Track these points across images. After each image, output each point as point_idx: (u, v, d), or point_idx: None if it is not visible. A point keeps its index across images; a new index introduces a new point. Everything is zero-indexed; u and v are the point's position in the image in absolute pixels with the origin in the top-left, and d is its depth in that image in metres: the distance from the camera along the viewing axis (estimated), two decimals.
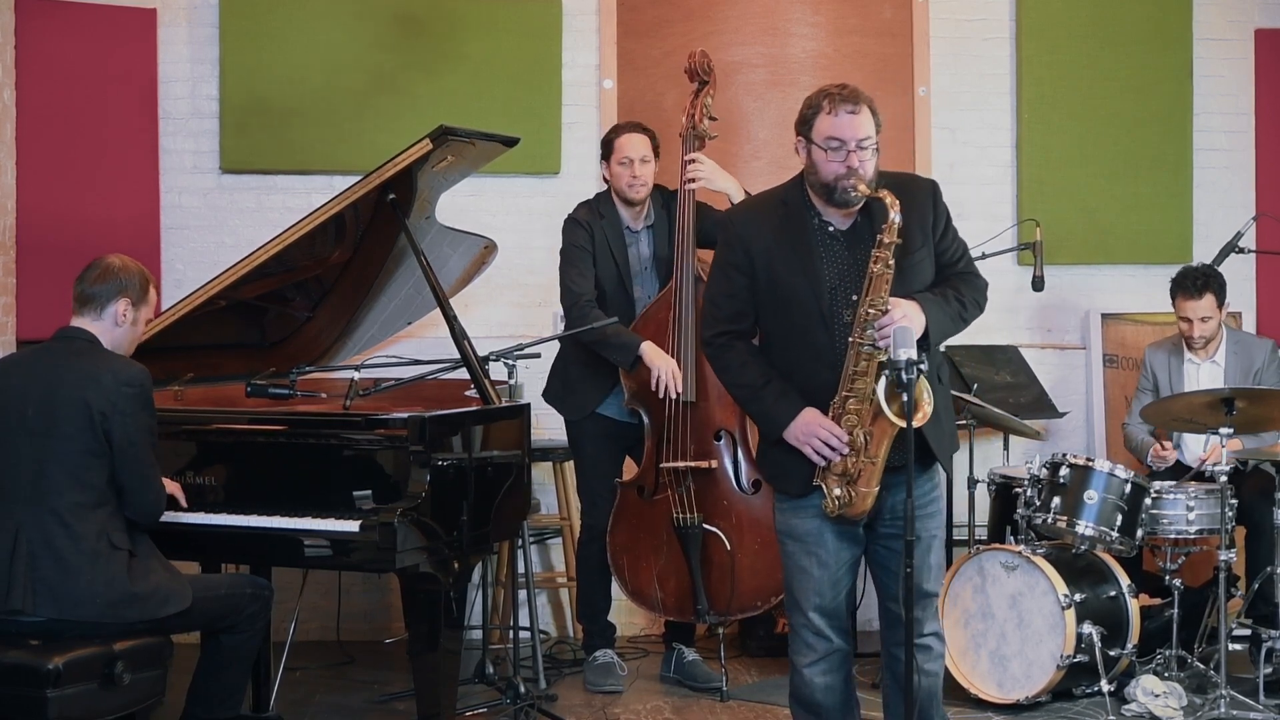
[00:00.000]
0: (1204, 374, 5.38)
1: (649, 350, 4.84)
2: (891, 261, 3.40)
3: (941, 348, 3.70)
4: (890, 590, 3.58)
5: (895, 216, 3.38)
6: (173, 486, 4.02)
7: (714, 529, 4.90)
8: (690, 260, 4.92)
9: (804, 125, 3.50)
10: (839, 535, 3.56)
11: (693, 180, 4.96)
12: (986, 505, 5.30)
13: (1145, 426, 5.32)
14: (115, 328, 3.88)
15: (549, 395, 5.15)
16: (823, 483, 3.49)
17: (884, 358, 3.37)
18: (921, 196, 3.57)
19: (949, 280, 3.58)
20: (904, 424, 3.32)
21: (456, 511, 3.99)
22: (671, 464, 4.91)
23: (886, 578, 3.61)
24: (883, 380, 3.37)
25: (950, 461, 3.64)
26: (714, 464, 4.92)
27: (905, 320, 3.36)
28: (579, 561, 5.22)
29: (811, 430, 3.46)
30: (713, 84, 5.08)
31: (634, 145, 5.00)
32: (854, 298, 3.44)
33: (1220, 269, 5.34)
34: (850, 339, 3.42)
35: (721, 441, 4.93)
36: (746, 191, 4.99)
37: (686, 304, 4.90)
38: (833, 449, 3.44)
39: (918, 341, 3.36)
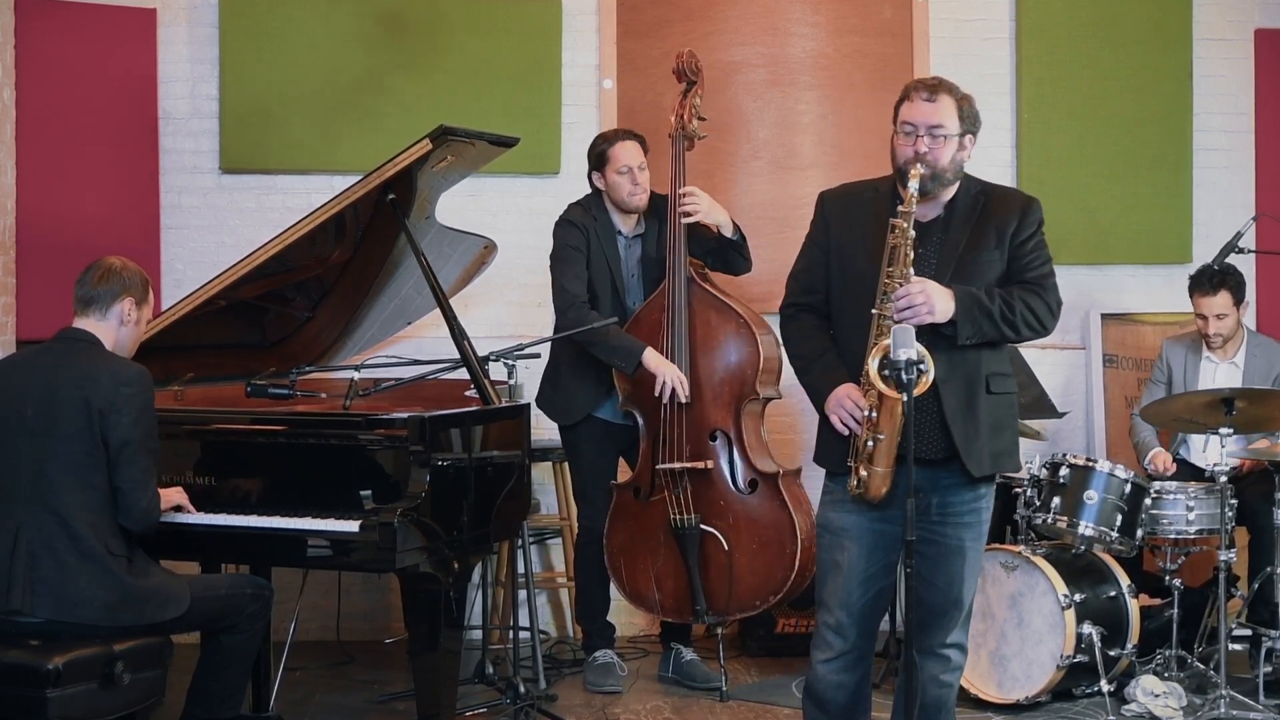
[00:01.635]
0: (1221, 374, 5.37)
1: (652, 358, 4.83)
2: (911, 233, 3.39)
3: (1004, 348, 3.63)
4: (918, 595, 3.53)
5: (913, 186, 3.39)
6: (179, 495, 4.01)
7: (711, 529, 4.90)
8: (682, 261, 4.92)
9: (894, 114, 3.54)
10: (876, 535, 3.53)
11: (688, 214, 4.94)
12: None
13: (1151, 426, 5.32)
14: (120, 327, 3.88)
15: (541, 401, 5.13)
16: (855, 464, 3.47)
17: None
18: (1011, 205, 3.57)
19: (1009, 286, 3.53)
20: (894, 395, 3.31)
21: (456, 511, 3.99)
22: (667, 465, 4.90)
23: (916, 583, 3.55)
24: (877, 355, 3.37)
25: (980, 467, 3.49)
26: (710, 464, 4.91)
27: (923, 295, 3.36)
28: (577, 563, 5.22)
29: (839, 400, 3.47)
30: (700, 84, 5.07)
31: (631, 154, 4.98)
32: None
33: None
34: (873, 310, 3.43)
35: (717, 442, 4.93)
36: (736, 224, 5.01)
37: (679, 305, 4.89)
38: (857, 420, 3.43)
39: (944, 327, 3.37)
